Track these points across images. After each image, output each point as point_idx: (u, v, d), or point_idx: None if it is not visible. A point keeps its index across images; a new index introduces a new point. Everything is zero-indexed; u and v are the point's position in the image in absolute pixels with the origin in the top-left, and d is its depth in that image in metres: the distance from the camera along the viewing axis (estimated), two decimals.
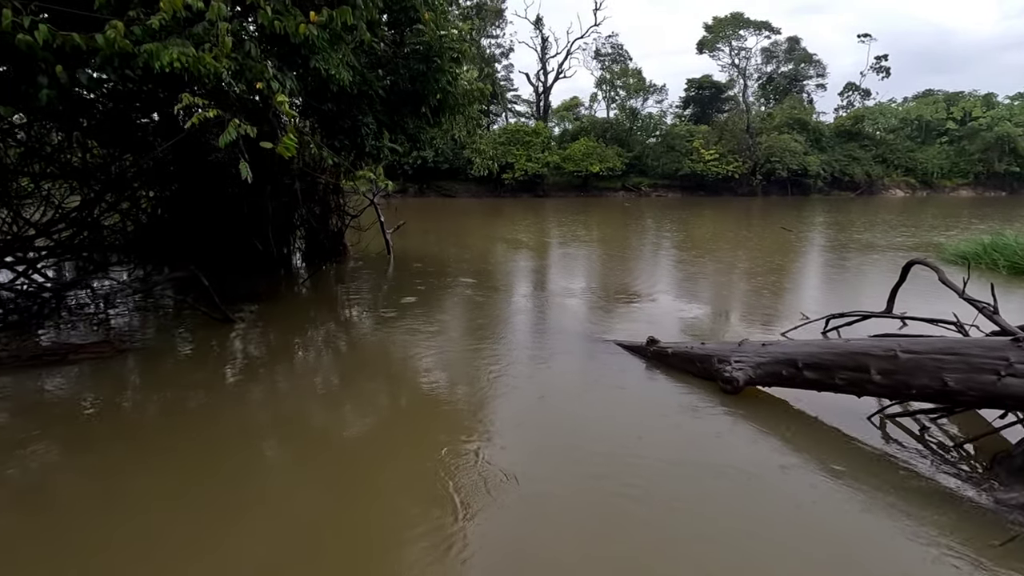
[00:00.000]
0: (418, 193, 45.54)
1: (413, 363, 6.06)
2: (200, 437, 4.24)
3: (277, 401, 5.03)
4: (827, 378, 4.04)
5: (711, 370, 4.73)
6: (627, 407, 4.61)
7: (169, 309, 8.46)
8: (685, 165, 46.29)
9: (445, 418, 4.57)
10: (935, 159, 53.24)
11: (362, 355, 6.37)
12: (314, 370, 5.89)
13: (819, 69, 59.41)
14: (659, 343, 5.42)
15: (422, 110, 8.10)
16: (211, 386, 5.26)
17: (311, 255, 11.85)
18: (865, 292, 9.12)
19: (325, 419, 4.68)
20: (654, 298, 8.94)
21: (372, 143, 7.20)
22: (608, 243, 16.92)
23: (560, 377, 5.31)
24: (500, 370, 5.53)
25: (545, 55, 54.14)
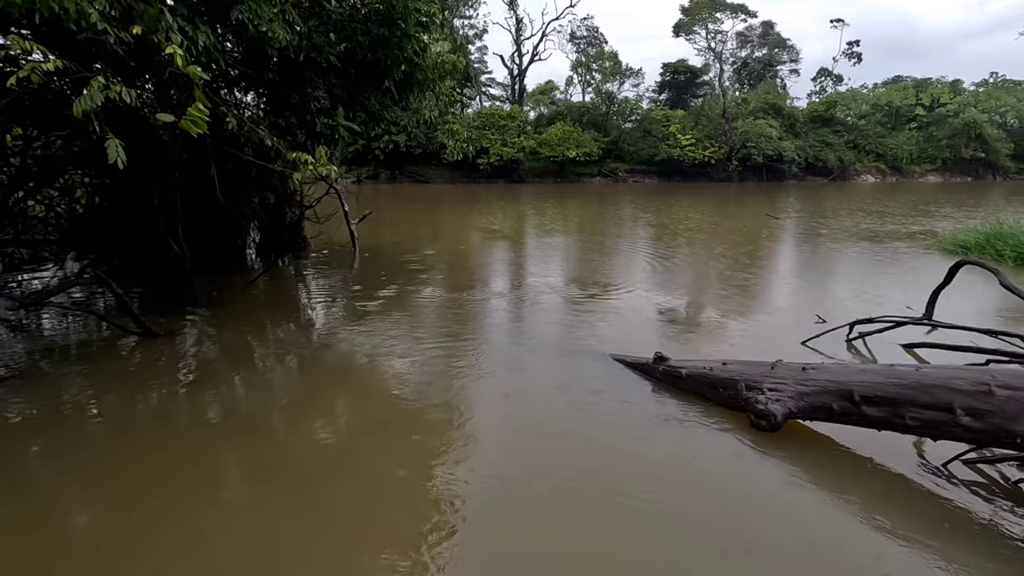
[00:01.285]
0: (390, 179, 44.00)
1: (376, 383, 5.08)
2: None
3: (193, 439, 4.01)
4: (893, 416, 3.21)
5: (738, 399, 3.87)
6: (632, 456, 3.72)
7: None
8: (662, 150, 45.73)
9: (409, 451, 3.65)
10: (905, 145, 53.85)
11: (317, 374, 5.36)
12: (257, 398, 4.86)
13: (792, 54, 59.51)
14: (669, 361, 4.53)
15: (385, 84, 7.00)
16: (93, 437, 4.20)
17: (266, 249, 10.67)
18: (868, 285, 8.45)
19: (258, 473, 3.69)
20: (633, 291, 8.10)
21: (324, 121, 6.09)
22: (586, 232, 16.05)
23: (543, 411, 4.34)
24: (469, 406, 4.59)
25: (520, 37, 52.76)
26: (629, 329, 6.42)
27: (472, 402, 4.52)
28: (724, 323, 6.67)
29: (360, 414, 4.52)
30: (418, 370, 5.24)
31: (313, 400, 4.67)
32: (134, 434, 4.02)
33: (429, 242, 13.81)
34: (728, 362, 4.17)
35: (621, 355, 5.14)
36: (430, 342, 6.02)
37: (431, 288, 8.71)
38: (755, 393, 3.75)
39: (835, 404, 3.43)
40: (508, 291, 8.60)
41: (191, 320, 6.88)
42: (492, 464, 3.56)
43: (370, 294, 8.31)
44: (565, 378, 4.82)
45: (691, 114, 49.65)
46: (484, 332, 6.41)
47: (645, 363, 4.74)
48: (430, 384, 4.92)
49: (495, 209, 23.50)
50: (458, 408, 4.38)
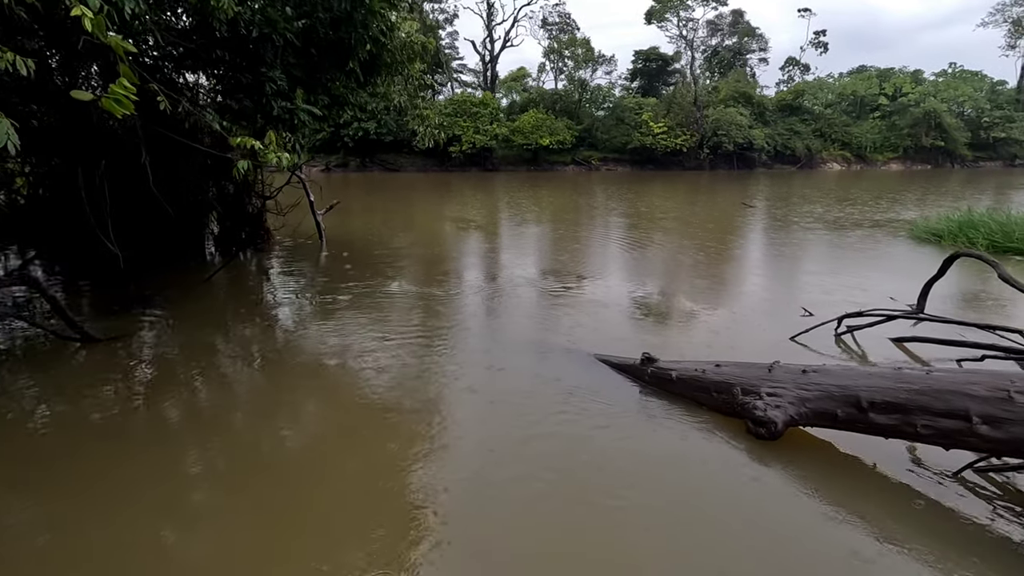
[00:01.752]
0: (360, 167, 42.95)
1: (346, 387, 4.69)
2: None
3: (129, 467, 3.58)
4: (904, 424, 2.99)
5: (734, 404, 3.61)
6: (620, 466, 3.44)
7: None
8: (635, 138, 45.68)
9: (384, 458, 3.30)
10: (868, 134, 55.02)
11: (280, 379, 4.92)
12: (208, 421, 4.42)
13: (761, 43, 60.05)
14: (658, 362, 4.25)
15: (349, 66, 6.49)
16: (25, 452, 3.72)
17: (226, 242, 10.05)
18: (847, 274, 8.36)
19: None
20: (610, 283, 7.85)
21: (282, 105, 5.59)
22: (561, 222, 15.75)
23: (523, 417, 4.03)
24: (445, 412, 4.25)
25: (491, 22, 51.91)
26: (609, 324, 6.15)
27: (447, 408, 4.18)
28: (704, 315, 6.45)
29: (329, 420, 4.13)
30: (390, 372, 4.86)
31: (275, 410, 4.25)
32: (79, 452, 3.55)
33: (400, 233, 13.32)
34: (722, 364, 3.91)
35: (606, 356, 4.84)
36: (402, 341, 5.64)
37: (402, 282, 8.29)
38: (752, 398, 3.50)
39: (840, 410, 3.19)
40: (483, 284, 8.24)
41: (143, 321, 6.34)
42: (468, 475, 3.24)
43: (338, 289, 7.85)
44: (546, 380, 4.51)
45: (663, 102, 49.69)
46: (459, 330, 6.06)
47: (632, 364, 4.45)
48: (403, 387, 4.55)
49: (468, 198, 23.02)
50: (433, 415, 4.03)
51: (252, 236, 10.35)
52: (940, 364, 4.83)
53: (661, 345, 5.37)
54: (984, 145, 55.33)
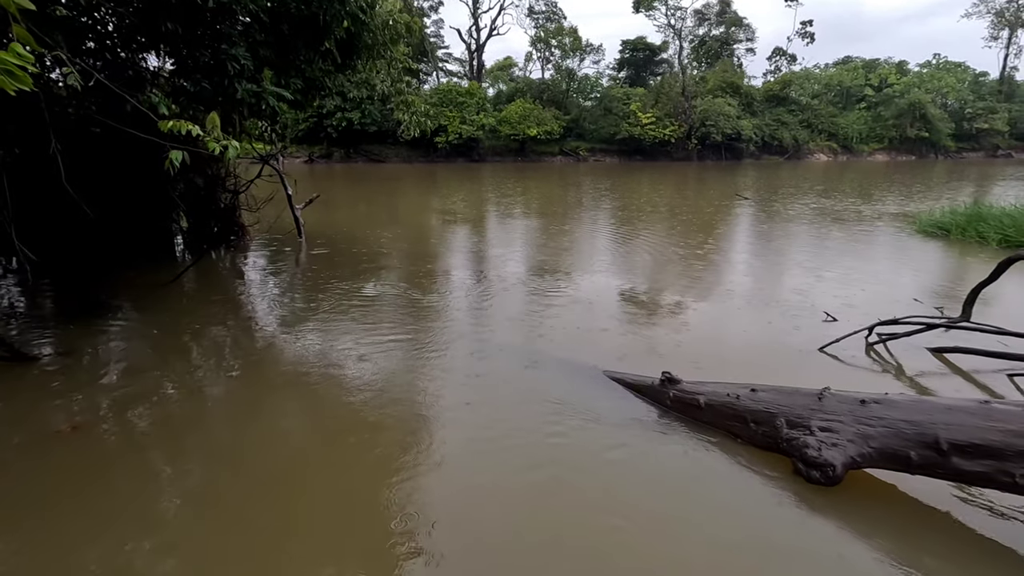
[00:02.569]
0: (344, 158, 41.95)
1: (320, 408, 4.08)
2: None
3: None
4: (998, 472, 2.48)
5: (777, 439, 3.08)
6: (646, 514, 2.89)
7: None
8: (623, 129, 45.18)
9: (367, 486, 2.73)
10: (855, 124, 55.09)
11: (251, 394, 4.30)
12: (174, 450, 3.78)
13: (748, 33, 59.65)
14: (681, 384, 3.69)
15: (325, 45, 5.82)
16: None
17: (196, 239, 9.32)
18: (860, 272, 7.91)
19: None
20: (607, 284, 7.32)
21: (246, 87, 4.90)
22: (550, 216, 15.16)
23: (522, 451, 3.48)
24: (431, 449, 3.68)
25: (477, 10, 50.89)
26: (610, 329, 5.60)
27: (434, 435, 3.59)
28: (712, 319, 5.92)
29: (299, 452, 3.53)
30: (370, 388, 4.27)
31: (245, 430, 3.64)
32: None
33: (384, 227, 12.64)
34: (758, 388, 3.36)
35: (618, 373, 4.27)
36: (383, 350, 5.04)
37: (385, 282, 7.67)
38: (801, 433, 2.96)
39: (913, 452, 2.67)
40: (471, 284, 7.64)
41: (94, 331, 5.65)
42: (462, 530, 2.67)
43: (315, 290, 7.20)
44: (548, 405, 3.93)
45: (651, 92, 49.20)
46: (446, 337, 5.46)
47: (650, 385, 3.89)
48: (384, 410, 3.95)
49: (454, 190, 22.32)
50: (417, 445, 3.45)
51: (225, 232, 9.62)
52: (985, 377, 4.36)
53: (670, 356, 4.84)
54: (967, 136, 55.76)
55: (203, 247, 9.27)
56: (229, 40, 4.78)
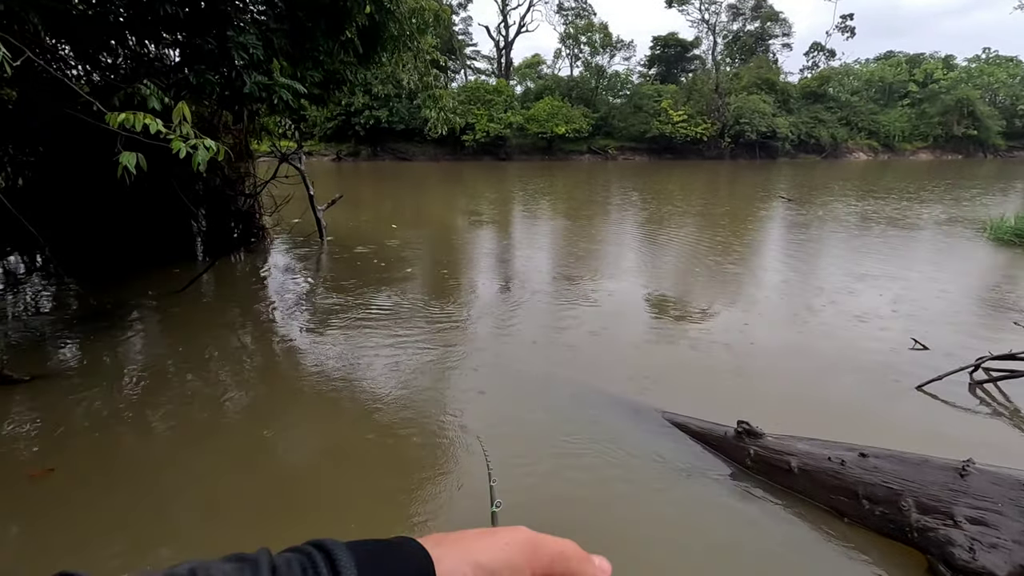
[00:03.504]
0: (371, 156, 41.84)
1: (335, 433, 3.54)
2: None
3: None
4: None
5: (902, 525, 2.39)
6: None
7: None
8: (653, 126, 44.02)
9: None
10: (897, 122, 52.80)
11: (256, 411, 3.80)
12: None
13: (785, 28, 57.62)
14: (765, 439, 3.02)
15: (346, 34, 5.28)
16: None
17: (215, 242, 8.91)
18: (938, 283, 7.06)
19: None
20: (652, 300, 6.64)
21: (256, 80, 4.38)
22: (578, 219, 14.47)
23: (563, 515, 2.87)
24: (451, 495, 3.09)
25: (506, 7, 50.22)
26: (652, 353, 4.96)
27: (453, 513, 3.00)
28: (775, 346, 5.20)
29: (311, 480, 2.98)
30: (391, 406, 3.72)
31: (255, 451, 3.11)
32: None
33: (409, 228, 12.13)
34: (869, 453, 2.67)
35: (679, 417, 3.61)
36: (404, 367, 4.50)
37: (407, 290, 7.14)
38: (940, 523, 2.27)
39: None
40: (496, 295, 7.06)
41: (102, 340, 5.23)
42: None
43: (334, 299, 6.71)
44: (594, 461, 3.31)
45: (683, 89, 47.86)
46: (470, 362, 4.88)
47: (723, 436, 3.22)
48: (404, 436, 3.39)
49: (481, 189, 21.76)
50: (434, 498, 2.86)
51: (245, 235, 9.21)
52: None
53: (726, 390, 4.17)
54: (1018, 134, 52.97)
55: (216, 253, 8.84)
56: (236, 26, 4.27)
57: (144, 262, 8.13)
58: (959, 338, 5.11)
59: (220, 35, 4.24)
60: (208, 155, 2.88)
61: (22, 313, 6.35)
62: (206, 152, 2.85)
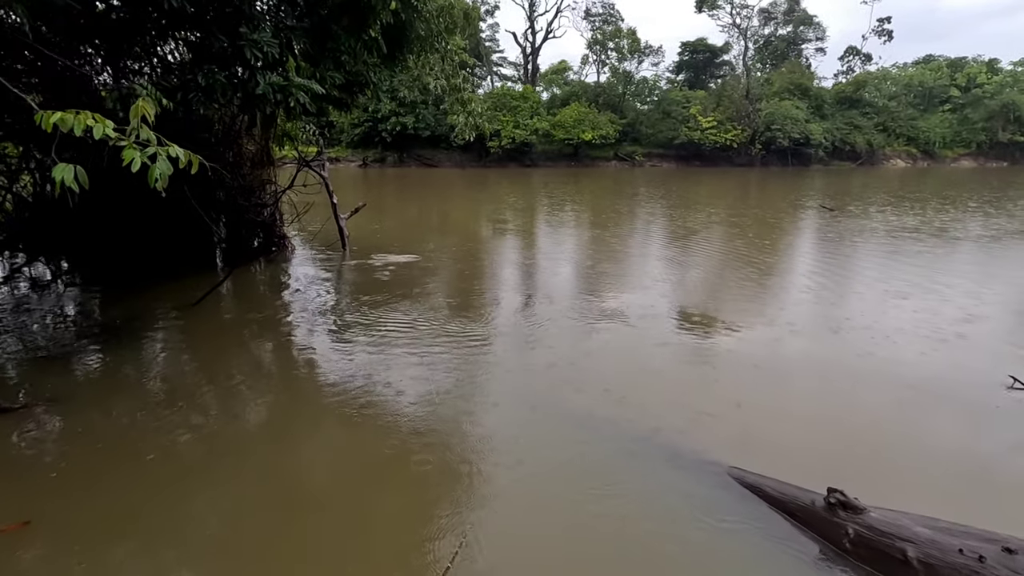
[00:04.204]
0: (397, 162, 41.93)
1: (349, 470, 3.10)
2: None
3: None
4: None
5: None
6: None
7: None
8: (682, 133, 43.17)
9: None
10: (937, 128, 50.88)
11: (267, 442, 3.39)
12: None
13: (818, 32, 56.17)
14: (867, 516, 2.45)
15: (369, 33, 4.88)
16: None
17: (234, 251, 8.61)
18: (1015, 309, 6.33)
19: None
20: (703, 324, 6.06)
21: (272, 80, 3.99)
22: (607, 227, 13.91)
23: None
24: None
25: (533, 13, 50.01)
26: (711, 386, 4.41)
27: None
28: (849, 387, 4.59)
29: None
30: (408, 437, 3.27)
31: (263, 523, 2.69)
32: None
33: (433, 237, 11.74)
34: (1017, 547, 2.09)
35: (752, 476, 3.05)
36: (425, 393, 4.07)
37: (432, 304, 6.73)
38: None
39: None
40: (522, 311, 6.58)
41: (103, 362, 4.90)
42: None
43: (357, 315, 6.32)
44: (641, 512, 2.79)
45: (712, 95, 46.86)
46: (498, 386, 4.42)
47: (809, 507, 2.66)
48: (413, 481, 2.93)
49: (506, 196, 21.34)
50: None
51: (266, 244, 8.91)
52: None
53: (798, 440, 3.59)
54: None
55: (233, 264, 8.52)
56: (250, 23, 3.89)
57: (163, 271, 7.87)
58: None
59: (232, 32, 3.87)
60: (169, 169, 2.43)
61: (35, 324, 6.09)
62: (167, 165, 2.41)
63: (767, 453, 3.26)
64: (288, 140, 8.18)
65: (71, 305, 6.95)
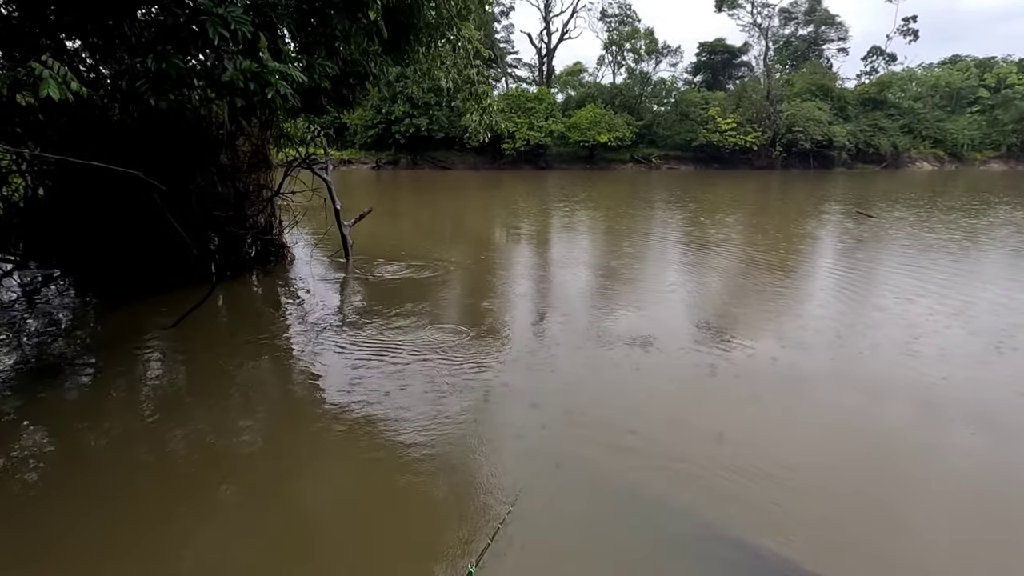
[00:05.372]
0: (411, 164, 41.45)
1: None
2: None
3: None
4: None
5: None
6: None
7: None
8: (700, 135, 42.15)
9: None
10: (966, 129, 49.25)
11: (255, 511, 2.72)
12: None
13: (841, 32, 54.71)
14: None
15: (369, 16, 4.20)
16: None
17: (226, 261, 7.98)
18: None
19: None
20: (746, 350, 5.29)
21: (243, 66, 3.30)
22: (627, 235, 13.13)
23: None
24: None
25: (549, 13, 49.32)
26: (779, 446, 3.65)
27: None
28: (945, 457, 3.81)
29: None
30: (410, 477, 2.57)
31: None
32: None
33: (444, 246, 11.06)
34: None
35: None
36: (430, 428, 3.35)
37: (441, 318, 6.05)
38: None
39: None
40: (539, 332, 5.86)
41: (76, 391, 4.28)
42: None
43: (359, 333, 5.65)
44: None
45: (731, 96, 45.76)
46: (512, 439, 3.69)
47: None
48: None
49: (520, 199, 20.62)
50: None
51: (262, 253, 8.29)
52: None
53: (889, 534, 2.83)
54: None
55: (218, 277, 7.79)
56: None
57: (152, 281, 7.27)
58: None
59: (192, 7, 3.20)
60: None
61: (9, 342, 5.51)
62: None
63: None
64: (287, 141, 7.55)
65: (40, 321, 6.35)
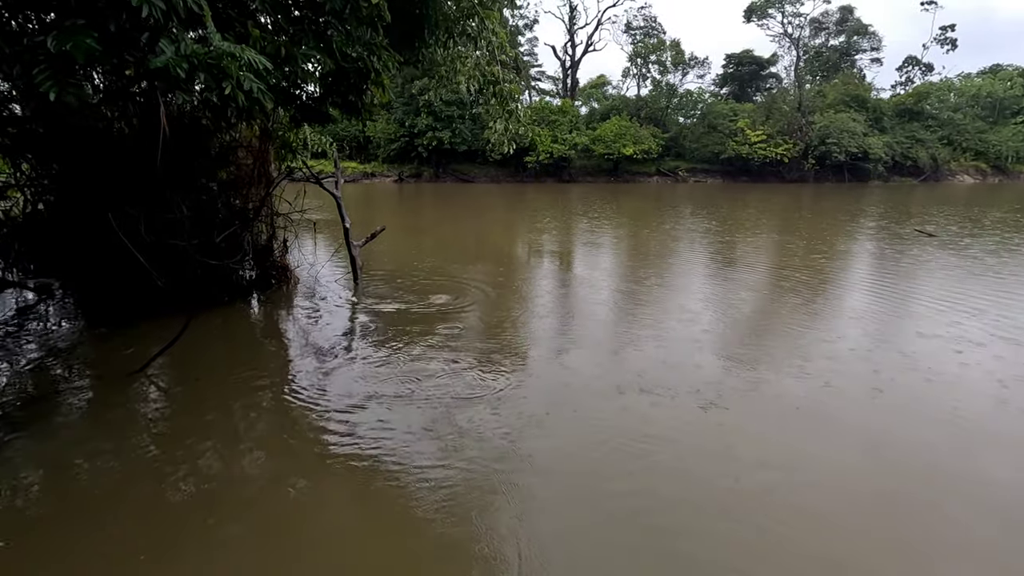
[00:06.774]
0: (433, 177, 41.06)
1: None
2: None
3: None
4: None
5: None
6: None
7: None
8: (729, 147, 40.89)
9: None
10: (1010, 141, 47.05)
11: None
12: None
13: (874, 42, 53.02)
14: None
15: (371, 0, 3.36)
16: None
17: (219, 285, 7.14)
18: None
19: None
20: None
21: (183, 49, 2.41)
22: (659, 256, 12.11)
23: None
24: None
25: (573, 26, 48.83)
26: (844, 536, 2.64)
27: None
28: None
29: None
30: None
31: None
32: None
33: (463, 265, 10.18)
34: None
35: None
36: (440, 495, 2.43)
37: (456, 351, 5.14)
38: None
39: None
40: (561, 381, 4.89)
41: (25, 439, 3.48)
42: None
43: (367, 367, 4.77)
44: None
45: (761, 108, 44.43)
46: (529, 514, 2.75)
47: None
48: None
49: (544, 214, 19.71)
50: None
51: (262, 278, 7.51)
52: None
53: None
54: None
55: (194, 310, 6.85)
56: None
57: (150, 302, 6.46)
58: None
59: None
60: None
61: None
62: None
63: None
64: (289, 153, 6.79)
65: (30, 345, 5.61)
